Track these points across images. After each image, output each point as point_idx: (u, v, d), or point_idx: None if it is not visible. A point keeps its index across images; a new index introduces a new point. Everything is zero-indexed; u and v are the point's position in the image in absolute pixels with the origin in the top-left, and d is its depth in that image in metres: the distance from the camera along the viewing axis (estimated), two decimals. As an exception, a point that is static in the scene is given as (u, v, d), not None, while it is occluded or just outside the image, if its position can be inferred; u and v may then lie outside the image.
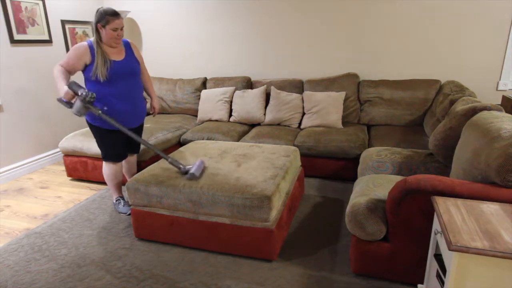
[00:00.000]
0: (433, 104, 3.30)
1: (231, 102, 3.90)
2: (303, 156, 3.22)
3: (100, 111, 2.27)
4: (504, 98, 3.21)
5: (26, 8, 3.50)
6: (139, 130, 2.71)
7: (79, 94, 2.18)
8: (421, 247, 1.71)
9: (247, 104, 3.75)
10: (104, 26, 2.27)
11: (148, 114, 4.16)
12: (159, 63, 4.56)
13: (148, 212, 2.25)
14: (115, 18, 2.27)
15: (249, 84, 4.01)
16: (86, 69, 2.34)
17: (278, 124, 3.69)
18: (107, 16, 2.26)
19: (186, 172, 2.24)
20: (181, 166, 2.26)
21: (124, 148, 2.61)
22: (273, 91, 3.72)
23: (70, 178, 3.51)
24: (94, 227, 2.54)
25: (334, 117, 3.47)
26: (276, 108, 3.66)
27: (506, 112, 2.96)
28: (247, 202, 1.98)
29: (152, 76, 4.48)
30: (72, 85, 2.18)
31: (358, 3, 3.61)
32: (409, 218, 1.67)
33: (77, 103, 2.20)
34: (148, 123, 3.72)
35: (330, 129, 3.35)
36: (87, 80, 2.38)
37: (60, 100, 2.22)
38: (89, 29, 4.30)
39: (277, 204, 2.08)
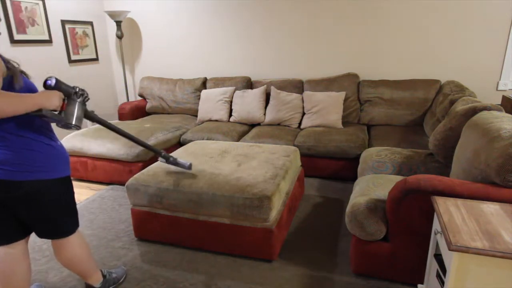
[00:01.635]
0: (433, 104, 3.30)
1: (231, 102, 3.90)
2: (303, 156, 3.22)
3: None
4: (504, 98, 3.21)
5: (26, 8, 3.50)
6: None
7: (77, 92, 1.46)
8: (421, 247, 1.71)
9: (247, 104, 3.75)
10: None
11: None
12: (159, 63, 4.56)
13: (148, 212, 2.25)
14: None
15: (249, 84, 4.01)
16: None
17: (278, 124, 3.69)
18: None
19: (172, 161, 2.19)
20: (170, 157, 2.17)
21: None
22: (273, 91, 3.72)
23: (70, 178, 3.51)
24: (94, 227, 2.54)
25: (334, 117, 3.47)
26: (276, 108, 3.66)
27: (506, 112, 2.95)
28: (247, 202, 1.98)
29: (152, 76, 4.48)
30: (59, 84, 1.42)
31: (358, 3, 3.61)
32: (409, 218, 1.67)
33: (73, 108, 1.44)
34: (148, 123, 3.72)
35: (330, 129, 3.35)
36: None
37: (43, 115, 1.35)
38: (89, 29, 4.30)
39: (277, 204, 2.08)
